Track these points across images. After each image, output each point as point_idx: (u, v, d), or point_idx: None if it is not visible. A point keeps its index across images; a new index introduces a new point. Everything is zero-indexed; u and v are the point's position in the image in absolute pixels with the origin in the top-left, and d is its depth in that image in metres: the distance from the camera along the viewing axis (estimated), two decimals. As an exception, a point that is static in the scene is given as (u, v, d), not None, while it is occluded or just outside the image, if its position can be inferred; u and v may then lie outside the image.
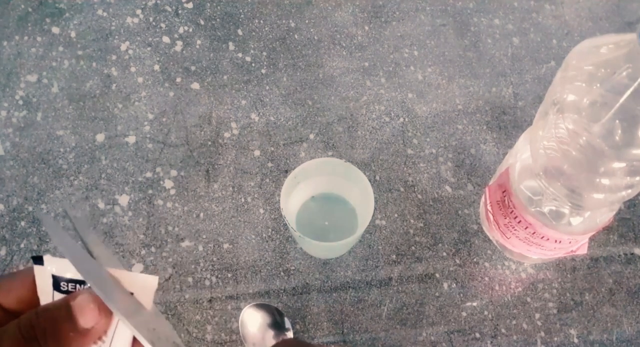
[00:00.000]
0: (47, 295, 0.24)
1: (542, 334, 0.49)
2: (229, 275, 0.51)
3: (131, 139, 0.56)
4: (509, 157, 0.46)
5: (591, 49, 0.35)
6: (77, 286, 0.24)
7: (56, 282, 0.23)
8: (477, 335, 0.49)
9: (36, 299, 0.24)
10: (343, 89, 0.59)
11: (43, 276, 0.23)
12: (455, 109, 0.59)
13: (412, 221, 0.53)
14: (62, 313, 0.22)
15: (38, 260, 0.23)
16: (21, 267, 0.50)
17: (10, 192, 0.54)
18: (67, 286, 0.24)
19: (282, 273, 0.51)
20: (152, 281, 0.24)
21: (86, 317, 0.22)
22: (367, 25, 0.63)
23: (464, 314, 0.50)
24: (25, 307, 0.24)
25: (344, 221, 0.51)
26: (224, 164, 0.55)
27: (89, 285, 0.23)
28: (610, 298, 0.50)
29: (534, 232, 0.44)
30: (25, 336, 0.22)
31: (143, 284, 0.24)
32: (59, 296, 0.23)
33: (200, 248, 0.52)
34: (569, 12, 0.64)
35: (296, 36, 0.62)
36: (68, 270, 0.23)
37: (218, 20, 0.63)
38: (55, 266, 0.23)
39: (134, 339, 0.24)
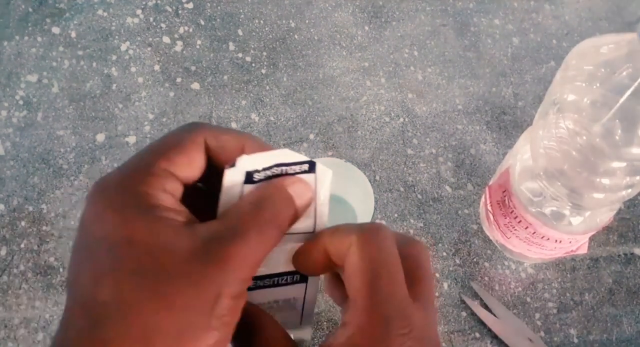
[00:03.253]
0: (233, 194, 0.23)
1: (542, 334, 0.49)
2: (229, 275, 0.51)
3: (131, 139, 0.56)
4: (509, 157, 0.46)
5: (591, 49, 0.35)
6: (267, 172, 0.24)
7: (249, 176, 0.24)
8: (477, 335, 0.49)
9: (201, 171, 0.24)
10: (343, 89, 0.59)
11: (233, 176, 0.23)
12: (455, 109, 0.59)
13: (412, 221, 0.53)
14: (284, 203, 0.23)
15: (231, 164, 0.23)
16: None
17: (10, 192, 0.54)
18: (261, 173, 0.24)
19: (282, 273, 0.51)
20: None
21: (304, 203, 0.23)
22: (367, 25, 0.63)
23: (464, 314, 0.50)
24: (192, 182, 0.24)
25: (344, 221, 0.51)
26: (224, 164, 0.55)
27: (279, 170, 0.24)
28: (610, 298, 0.50)
29: (534, 232, 0.44)
30: (273, 226, 0.22)
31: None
32: (248, 188, 0.24)
33: (201, 248, 0.52)
34: (569, 12, 0.64)
35: (296, 36, 0.62)
36: (260, 162, 0.24)
37: (218, 20, 0.63)
38: (249, 162, 0.23)
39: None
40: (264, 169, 0.24)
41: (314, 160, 0.25)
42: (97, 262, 0.20)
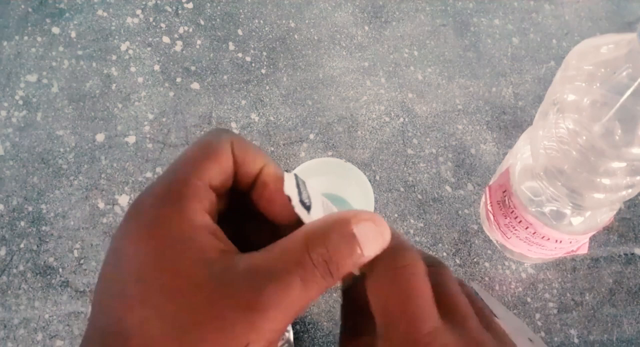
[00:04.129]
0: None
1: (543, 334, 0.49)
2: (229, 275, 0.51)
3: (131, 139, 0.56)
4: (509, 157, 0.46)
5: (591, 49, 0.35)
6: (305, 193, 0.22)
7: (304, 205, 0.21)
8: (477, 335, 0.49)
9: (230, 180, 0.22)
10: (343, 89, 0.59)
11: (301, 210, 0.21)
12: (455, 109, 0.59)
13: (412, 221, 0.53)
14: (343, 245, 0.19)
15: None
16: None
17: (10, 192, 0.54)
18: (304, 198, 0.21)
19: (282, 273, 0.51)
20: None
21: (371, 247, 0.20)
22: (367, 25, 0.63)
23: (464, 314, 0.49)
24: (225, 191, 0.22)
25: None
26: (224, 164, 0.55)
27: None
28: (611, 298, 0.50)
29: (534, 232, 0.44)
30: (321, 272, 0.19)
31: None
32: (310, 218, 0.21)
33: (200, 248, 0.52)
34: (569, 12, 0.64)
35: (296, 36, 0.62)
36: (292, 187, 0.22)
37: (218, 20, 0.63)
38: (291, 190, 0.21)
39: None
40: (300, 193, 0.22)
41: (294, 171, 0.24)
42: (125, 291, 0.19)
